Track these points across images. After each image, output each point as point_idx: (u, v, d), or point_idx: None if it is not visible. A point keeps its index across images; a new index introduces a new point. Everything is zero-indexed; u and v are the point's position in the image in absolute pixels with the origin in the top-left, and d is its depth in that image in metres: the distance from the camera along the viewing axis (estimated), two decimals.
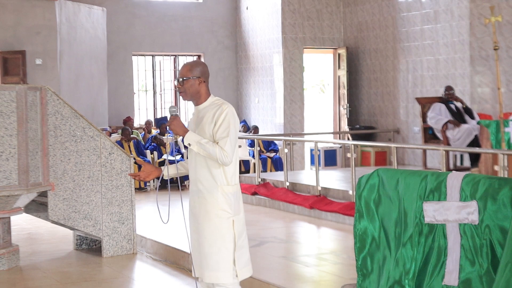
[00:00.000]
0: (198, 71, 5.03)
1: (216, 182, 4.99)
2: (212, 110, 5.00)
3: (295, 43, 17.11)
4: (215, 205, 4.99)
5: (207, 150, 4.90)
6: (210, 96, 5.10)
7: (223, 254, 4.98)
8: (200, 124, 5.02)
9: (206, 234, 4.99)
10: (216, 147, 4.89)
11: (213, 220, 4.99)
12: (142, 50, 18.14)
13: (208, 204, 5.00)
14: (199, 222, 5.02)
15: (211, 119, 4.97)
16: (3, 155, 7.78)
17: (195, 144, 4.92)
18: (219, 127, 4.94)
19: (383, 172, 5.43)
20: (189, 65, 5.07)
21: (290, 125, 17.06)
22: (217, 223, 4.99)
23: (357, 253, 5.53)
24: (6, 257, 8.11)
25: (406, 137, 15.66)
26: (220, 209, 5.00)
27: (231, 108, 5.01)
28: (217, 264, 4.96)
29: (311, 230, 10.13)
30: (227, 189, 5.02)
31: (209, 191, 5.00)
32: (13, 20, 15.38)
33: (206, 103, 5.07)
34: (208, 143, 4.90)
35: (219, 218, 4.99)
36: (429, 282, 5.08)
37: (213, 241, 4.97)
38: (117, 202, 8.71)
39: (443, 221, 5.01)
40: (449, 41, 14.42)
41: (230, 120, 4.96)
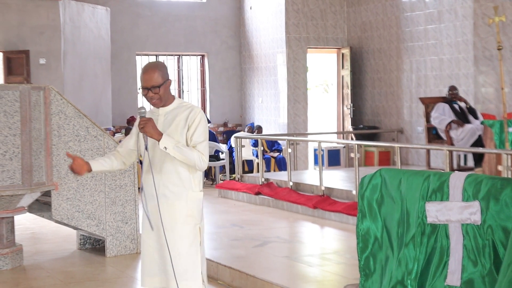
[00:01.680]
0: (165, 73, 4.85)
1: (185, 188, 4.85)
2: (183, 113, 4.85)
3: (298, 43, 17.11)
4: (183, 211, 4.85)
5: (184, 154, 4.73)
6: (175, 98, 4.95)
7: (191, 262, 4.84)
8: (170, 127, 4.84)
9: (174, 241, 4.81)
10: (194, 152, 4.75)
11: (181, 227, 4.83)
12: (146, 50, 18.14)
13: (176, 210, 4.84)
14: (166, 229, 4.81)
15: (184, 122, 4.82)
16: (7, 155, 7.79)
17: (172, 148, 4.72)
18: (195, 130, 4.80)
19: (386, 172, 5.43)
20: (156, 69, 4.82)
21: (293, 125, 17.05)
22: (185, 230, 4.85)
23: (359, 253, 5.53)
24: (10, 257, 8.12)
25: (410, 137, 15.65)
26: (188, 215, 4.86)
27: (203, 112, 4.91)
28: (186, 273, 4.82)
29: (314, 230, 10.13)
30: (195, 195, 4.90)
31: (178, 196, 4.84)
32: (17, 20, 15.39)
33: (174, 104, 4.91)
34: (185, 147, 4.76)
35: (187, 225, 4.86)
36: (432, 282, 5.08)
37: (182, 249, 4.82)
38: (120, 201, 8.71)
39: (446, 221, 5.01)
40: (453, 41, 14.41)
41: (204, 124, 4.86)
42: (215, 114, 18.34)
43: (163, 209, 4.82)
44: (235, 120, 18.72)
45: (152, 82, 4.79)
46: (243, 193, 12.65)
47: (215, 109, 18.40)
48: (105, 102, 16.98)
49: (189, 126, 4.82)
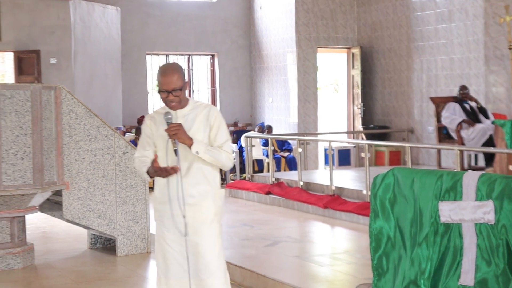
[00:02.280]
0: (184, 75, 4.82)
1: (213, 188, 4.86)
2: (201, 113, 4.82)
3: (309, 42, 17.09)
4: (214, 211, 4.85)
5: (215, 157, 4.75)
6: (189, 99, 4.91)
7: (221, 260, 4.87)
8: (191, 129, 4.78)
9: (205, 241, 4.81)
10: (222, 152, 4.77)
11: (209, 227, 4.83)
12: (156, 49, 18.16)
13: (206, 211, 4.83)
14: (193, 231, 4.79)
15: (205, 122, 4.80)
16: (18, 154, 7.81)
17: (204, 152, 4.71)
18: (218, 131, 4.80)
19: (399, 172, 5.41)
20: (177, 72, 4.77)
21: (304, 124, 17.04)
22: (217, 228, 4.87)
23: (372, 253, 5.52)
24: (21, 256, 8.14)
25: (420, 137, 15.61)
26: (218, 214, 4.89)
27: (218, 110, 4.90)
28: (219, 271, 4.82)
29: (325, 230, 10.11)
30: (219, 193, 4.92)
31: (205, 197, 4.83)
32: (27, 20, 15.43)
33: (189, 106, 4.86)
34: (215, 148, 4.77)
35: (216, 223, 4.88)
36: (445, 282, 5.06)
37: (213, 248, 4.82)
38: (131, 201, 8.72)
39: (459, 220, 4.99)
40: (463, 41, 14.37)
41: (225, 122, 4.89)
42: (225, 113, 18.35)
43: (190, 211, 4.79)
44: (245, 120, 18.72)
45: (173, 85, 4.72)
46: (253, 192, 12.64)
47: (225, 109, 18.41)
48: (115, 101, 17.01)
49: (211, 126, 4.80)
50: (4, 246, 8.09)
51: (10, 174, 7.79)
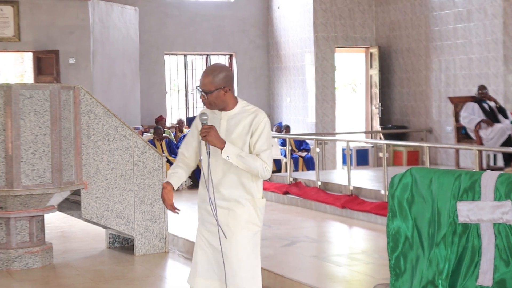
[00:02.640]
0: (221, 81, 4.65)
1: (249, 195, 4.73)
2: (247, 118, 4.69)
3: (327, 42, 17.07)
4: (246, 218, 4.73)
5: (247, 164, 4.60)
6: (238, 102, 4.76)
7: (254, 268, 4.75)
8: (233, 133, 4.69)
9: (236, 247, 4.71)
10: (257, 161, 4.61)
11: (244, 234, 4.72)
12: (174, 49, 18.21)
13: (238, 216, 4.72)
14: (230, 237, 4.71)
15: (248, 128, 4.66)
16: (37, 154, 7.85)
17: (235, 157, 4.59)
18: (258, 138, 4.64)
19: (416, 171, 5.39)
20: (211, 75, 4.65)
21: (321, 124, 17.02)
22: (248, 236, 4.74)
23: (390, 253, 5.50)
24: (40, 255, 8.18)
25: (439, 137, 15.56)
26: (251, 222, 4.75)
27: (267, 118, 4.74)
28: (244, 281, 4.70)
29: (343, 230, 10.10)
30: (259, 203, 4.78)
31: (241, 203, 4.71)
32: (47, 20, 15.51)
33: (236, 109, 4.74)
34: (249, 156, 4.61)
35: (250, 231, 4.75)
36: (463, 282, 5.04)
37: (242, 256, 4.71)
38: (149, 200, 8.74)
39: (477, 220, 4.97)
40: (482, 40, 14.30)
41: (268, 131, 4.70)
42: None
43: (224, 216, 4.71)
44: None
45: (203, 86, 4.65)
46: (271, 192, 12.64)
47: None
48: (133, 101, 17.07)
49: (252, 132, 4.66)
50: (23, 245, 8.14)
51: (29, 174, 7.83)
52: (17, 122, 7.77)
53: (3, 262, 8.05)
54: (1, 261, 8.05)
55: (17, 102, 7.77)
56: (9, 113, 7.76)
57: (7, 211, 7.98)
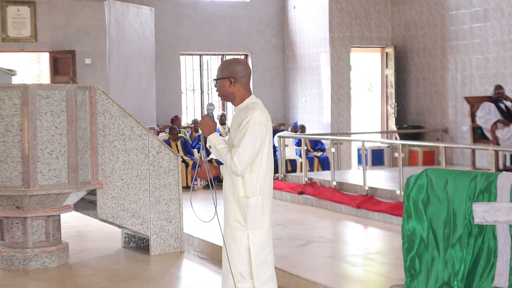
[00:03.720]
0: (228, 71, 4.74)
1: (235, 192, 4.74)
2: (245, 114, 4.72)
3: (342, 42, 17.05)
4: (232, 214, 4.77)
5: (220, 157, 4.66)
6: (248, 97, 4.81)
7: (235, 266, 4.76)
8: (231, 128, 4.80)
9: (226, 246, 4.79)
10: (227, 156, 4.63)
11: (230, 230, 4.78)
12: (189, 49, 18.23)
13: (228, 212, 4.79)
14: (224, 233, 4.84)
15: (239, 124, 4.71)
16: (53, 154, 7.89)
17: (213, 147, 4.68)
18: (239, 133, 4.65)
19: (432, 173, 5.39)
20: (222, 65, 4.81)
21: (337, 124, 17.00)
22: (233, 233, 4.77)
23: (405, 254, 5.50)
24: (56, 254, 8.21)
25: (455, 137, 15.50)
26: (234, 219, 4.76)
27: (258, 115, 4.67)
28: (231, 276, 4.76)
29: (358, 230, 10.09)
30: (243, 201, 4.72)
31: (229, 200, 4.78)
32: (63, 20, 15.57)
33: (242, 104, 4.80)
34: (223, 149, 4.65)
35: (234, 228, 4.76)
36: (479, 284, 5.03)
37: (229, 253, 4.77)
38: (164, 200, 8.76)
39: (493, 222, 4.96)
40: (499, 40, 14.24)
41: (252, 128, 4.63)
42: None
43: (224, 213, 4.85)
44: (278, 120, 18.72)
45: (217, 74, 4.83)
46: (286, 192, 12.64)
47: None
48: (149, 101, 17.10)
49: (240, 129, 4.68)
50: (39, 244, 8.18)
51: (46, 174, 7.87)
52: (34, 122, 7.81)
53: (19, 261, 8.10)
54: (18, 260, 8.10)
55: (34, 102, 7.81)
56: (26, 113, 7.80)
57: (23, 211, 8.02)
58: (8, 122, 7.83)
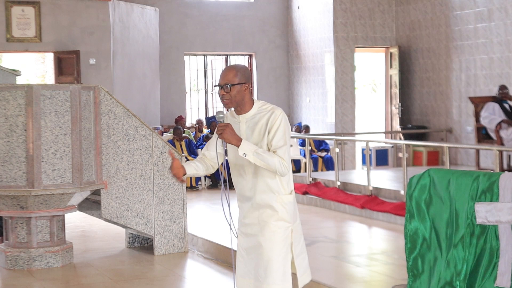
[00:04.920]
0: (244, 76, 4.67)
1: (273, 193, 4.71)
2: (264, 117, 4.66)
3: (346, 42, 17.05)
4: (273, 216, 4.72)
5: (265, 161, 4.56)
6: (255, 102, 4.76)
7: (282, 266, 4.74)
8: (252, 134, 4.69)
9: (265, 246, 4.73)
10: (275, 157, 4.57)
11: (272, 232, 4.72)
12: (194, 49, 18.25)
13: (266, 215, 4.73)
14: (257, 234, 4.75)
15: (265, 127, 4.64)
16: (58, 154, 7.91)
17: (252, 154, 4.55)
18: (274, 134, 4.62)
19: (434, 172, 5.38)
20: (234, 70, 4.69)
21: (341, 124, 17.00)
22: (276, 234, 4.73)
23: (407, 254, 5.50)
24: (60, 254, 8.23)
25: (459, 137, 15.50)
26: (279, 219, 4.73)
27: (283, 113, 4.70)
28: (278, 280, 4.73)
29: (362, 230, 10.09)
30: (285, 198, 4.75)
31: (266, 202, 4.72)
32: (67, 20, 15.60)
33: (253, 110, 4.73)
34: (266, 152, 4.58)
35: (279, 228, 4.73)
36: (481, 284, 5.03)
37: (273, 254, 4.72)
38: (168, 200, 8.77)
39: (495, 222, 4.96)
40: (503, 40, 14.23)
41: (285, 126, 4.65)
42: None
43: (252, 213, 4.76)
44: None
45: (225, 80, 4.65)
46: None
47: None
48: (153, 101, 17.13)
49: (269, 130, 4.63)
50: (44, 244, 8.20)
51: (50, 174, 7.89)
52: (38, 122, 7.83)
53: (24, 261, 8.12)
54: (22, 260, 8.12)
55: (38, 103, 7.83)
56: (30, 113, 7.82)
57: (28, 211, 8.04)
58: (13, 122, 7.85)
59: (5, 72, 9.57)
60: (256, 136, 4.68)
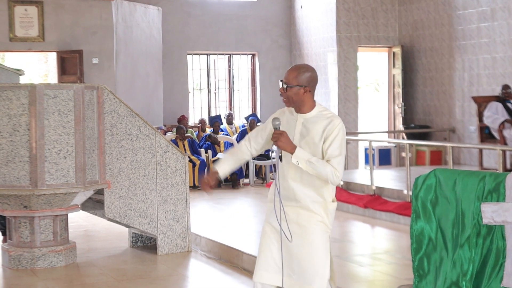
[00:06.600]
0: (304, 80, 4.75)
1: (322, 199, 4.81)
2: (321, 122, 4.74)
3: (349, 41, 17.04)
4: (318, 218, 4.81)
5: (317, 170, 4.64)
6: (316, 105, 4.83)
7: (323, 266, 4.83)
8: (307, 136, 4.76)
9: (308, 245, 4.80)
10: (327, 167, 4.64)
11: (315, 232, 4.80)
12: (196, 49, 18.24)
13: (311, 217, 4.80)
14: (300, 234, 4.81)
15: (321, 133, 4.71)
16: (61, 153, 7.91)
17: (305, 162, 4.64)
18: (331, 143, 4.69)
19: (440, 173, 5.38)
20: (296, 71, 4.79)
21: (344, 124, 16.94)
22: (319, 235, 4.82)
23: (413, 254, 5.49)
24: (64, 254, 8.23)
25: (462, 137, 15.48)
26: (322, 222, 4.83)
27: (342, 123, 4.77)
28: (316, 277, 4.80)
29: (365, 230, 10.08)
30: (331, 206, 4.86)
31: (312, 205, 4.80)
32: (70, 20, 15.60)
33: (313, 112, 4.80)
34: (319, 161, 4.65)
35: (322, 231, 4.83)
36: (487, 284, 5.02)
37: (315, 253, 4.80)
38: (172, 200, 8.77)
39: (502, 222, 4.95)
40: (506, 39, 14.22)
41: (342, 137, 4.73)
42: (265, 113, 18.36)
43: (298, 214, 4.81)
44: None
45: (286, 79, 4.80)
46: None
47: (265, 108, 18.43)
48: (156, 101, 17.13)
49: (325, 138, 4.71)
50: (47, 244, 8.20)
51: (53, 173, 7.89)
52: (41, 121, 7.83)
53: (27, 260, 8.12)
54: (26, 260, 8.12)
55: (41, 102, 7.83)
56: (34, 113, 7.82)
57: (31, 210, 8.04)
58: (16, 122, 7.85)
59: (8, 71, 9.56)
60: (310, 139, 4.74)
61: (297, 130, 4.80)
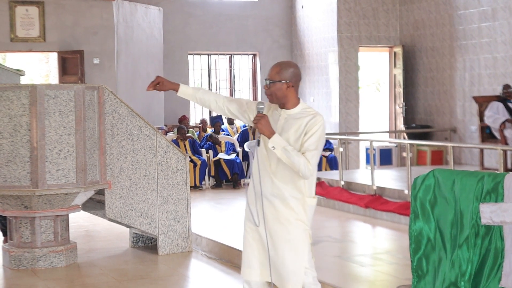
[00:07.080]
0: (287, 75, 4.83)
1: (299, 193, 4.82)
2: (305, 118, 4.80)
3: (350, 41, 17.04)
4: (293, 214, 4.81)
5: (291, 158, 4.68)
6: (300, 102, 4.90)
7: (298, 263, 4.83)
8: (288, 131, 4.81)
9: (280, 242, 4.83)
10: (301, 158, 4.69)
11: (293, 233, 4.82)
12: (197, 49, 18.25)
13: (290, 215, 4.82)
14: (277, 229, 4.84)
15: (303, 127, 4.77)
16: (62, 154, 7.91)
17: (280, 149, 4.70)
18: (309, 137, 4.74)
19: (439, 173, 5.38)
20: (279, 67, 4.87)
21: (345, 124, 16.99)
22: (297, 236, 4.83)
23: (412, 254, 5.49)
24: (64, 254, 8.24)
25: (463, 136, 15.48)
26: (299, 219, 4.83)
27: (324, 121, 4.83)
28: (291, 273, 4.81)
29: (366, 230, 10.08)
30: (310, 202, 4.87)
31: (290, 200, 4.81)
32: (71, 20, 15.61)
33: (297, 109, 4.87)
34: (294, 151, 4.70)
35: (297, 228, 4.83)
36: (486, 284, 5.02)
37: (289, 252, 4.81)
38: (172, 200, 8.78)
39: (500, 222, 4.95)
40: (507, 39, 14.21)
41: (321, 133, 4.79)
42: None
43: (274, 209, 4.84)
44: None
45: (269, 75, 4.87)
46: None
47: None
48: (157, 101, 17.13)
49: (306, 132, 4.77)
50: (48, 244, 8.20)
51: (54, 173, 7.89)
52: (42, 122, 7.83)
53: (28, 261, 8.13)
54: (26, 260, 8.13)
55: (42, 102, 7.83)
56: (34, 113, 7.82)
57: (32, 211, 8.05)
58: (17, 122, 7.85)
59: (9, 72, 9.58)
60: (292, 134, 4.80)
61: (279, 124, 4.86)
